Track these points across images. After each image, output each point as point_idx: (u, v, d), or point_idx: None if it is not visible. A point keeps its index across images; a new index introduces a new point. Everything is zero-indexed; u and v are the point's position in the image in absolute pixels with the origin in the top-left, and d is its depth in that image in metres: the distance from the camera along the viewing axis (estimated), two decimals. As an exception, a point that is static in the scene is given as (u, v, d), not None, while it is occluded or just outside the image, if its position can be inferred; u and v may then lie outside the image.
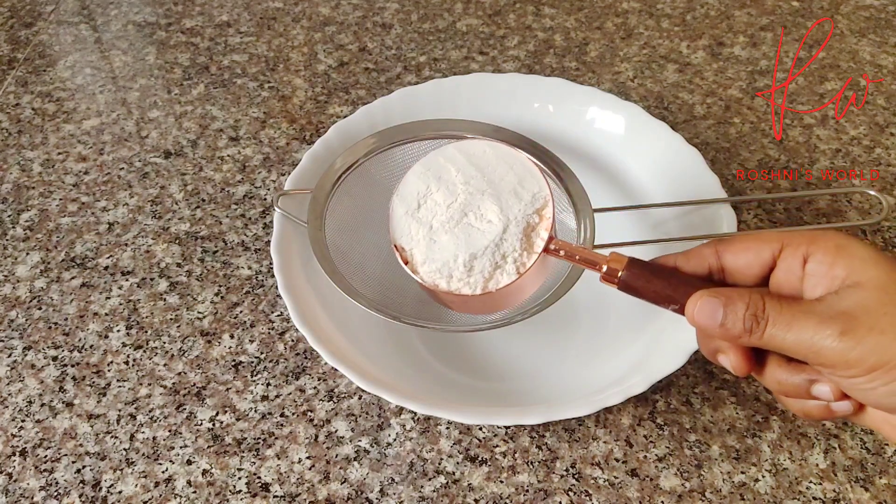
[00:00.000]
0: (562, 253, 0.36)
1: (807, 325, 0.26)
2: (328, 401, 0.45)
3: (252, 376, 0.47)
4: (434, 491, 0.42)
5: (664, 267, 0.33)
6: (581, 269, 0.44)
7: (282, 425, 0.44)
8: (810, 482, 0.42)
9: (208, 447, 0.43)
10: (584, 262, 0.35)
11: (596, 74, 0.69)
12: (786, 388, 0.30)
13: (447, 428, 0.44)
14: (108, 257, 0.54)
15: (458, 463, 0.43)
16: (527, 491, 0.41)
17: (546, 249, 0.36)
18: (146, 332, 0.49)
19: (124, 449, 0.43)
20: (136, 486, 0.42)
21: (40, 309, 0.51)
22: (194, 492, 0.42)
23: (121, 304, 0.51)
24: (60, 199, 0.58)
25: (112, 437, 0.44)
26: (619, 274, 0.33)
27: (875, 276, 0.26)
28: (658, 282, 0.32)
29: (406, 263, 0.38)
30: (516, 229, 0.36)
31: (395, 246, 0.38)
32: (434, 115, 0.49)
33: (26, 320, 0.50)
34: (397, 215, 0.38)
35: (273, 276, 0.47)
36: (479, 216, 0.37)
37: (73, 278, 0.53)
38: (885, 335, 0.25)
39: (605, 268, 0.34)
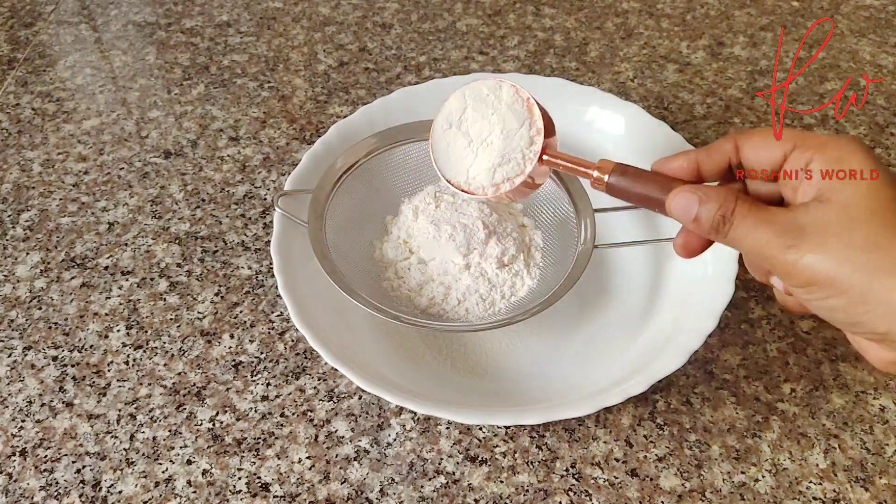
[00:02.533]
0: (557, 161, 0.38)
1: (764, 233, 0.28)
2: (328, 401, 0.45)
3: (252, 376, 0.47)
4: (434, 491, 0.42)
5: (649, 172, 0.35)
6: (580, 271, 0.44)
7: (282, 425, 0.44)
8: (810, 482, 0.42)
9: (208, 447, 0.43)
10: (574, 169, 0.37)
11: (596, 74, 0.69)
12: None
13: (447, 428, 0.44)
14: (108, 257, 0.54)
15: (458, 463, 0.43)
16: (527, 491, 0.41)
17: (541, 160, 0.38)
18: (146, 332, 0.49)
19: (124, 449, 0.43)
20: (136, 486, 0.42)
21: (40, 309, 0.51)
22: (194, 492, 0.42)
23: (121, 304, 0.51)
24: (60, 199, 0.58)
25: (112, 437, 0.44)
26: (606, 178, 0.35)
27: (847, 196, 0.27)
28: (642, 185, 0.34)
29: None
30: (517, 153, 0.39)
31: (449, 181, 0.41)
32: (434, 115, 0.49)
33: (26, 320, 0.50)
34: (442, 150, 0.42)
35: (273, 276, 0.47)
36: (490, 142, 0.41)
37: (73, 278, 0.53)
38: (826, 255, 0.27)
39: (594, 173, 0.35)
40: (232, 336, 0.49)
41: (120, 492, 0.42)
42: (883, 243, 0.26)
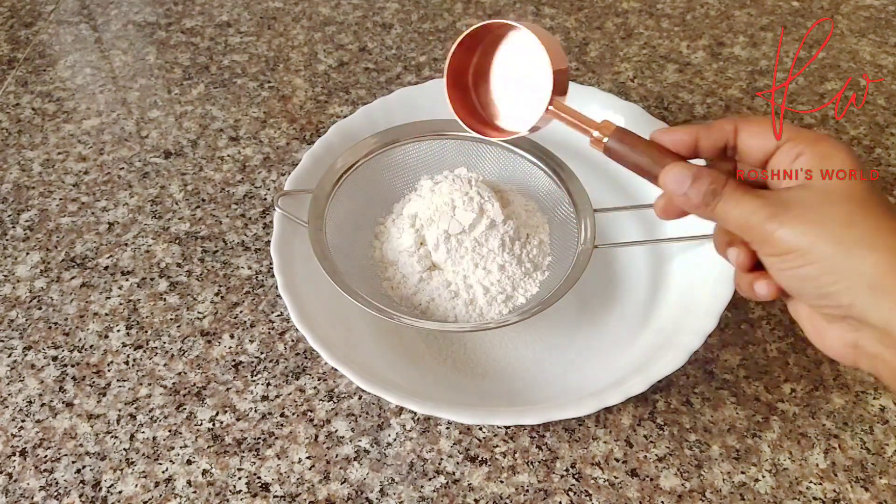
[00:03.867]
0: (560, 113, 0.38)
1: (749, 205, 0.31)
2: (328, 401, 0.45)
3: (252, 376, 0.47)
4: (434, 491, 0.42)
5: (646, 141, 0.35)
6: (580, 271, 0.44)
7: (282, 425, 0.44)
8: (810, 482, 0.42)
9: (208, 447, 0.43)
10: (576, 125, 0.37)
11: (596, 74, 0.69)
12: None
13: (447, 428, 0.44)
14: (108, 257, 0.54)
15: (458, 463, 0.43)
16: (527, 491, 0.41)
17: (546, 110, 0.38)
18: (146, 332, 0.49)
19: (124, 449, 0.43)
20: (136, 486, 0.42)
21: (40, 309, 0.51)
22: (194, 492, 0.42)
23: (121, 304, 0.51)
24: (60, 199, 0.58)
25: (112, 437, 0.44)
26: (605, 140, 0.35)
27: (827, 183, 0.30)
28: (638, 153, 0.35)
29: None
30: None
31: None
32: (434, 115, 0.49)
33: (26, 320, 0.50)
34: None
35: (273, 276, 0.47)
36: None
37: (73, 278, 0.53)
38: (804, 227, 0.29)
39: (594, 133, 0.36)
40: (232, 336, 0.49)
41: (120, 492, 0.42)
42: (857, 220, 0.29)
